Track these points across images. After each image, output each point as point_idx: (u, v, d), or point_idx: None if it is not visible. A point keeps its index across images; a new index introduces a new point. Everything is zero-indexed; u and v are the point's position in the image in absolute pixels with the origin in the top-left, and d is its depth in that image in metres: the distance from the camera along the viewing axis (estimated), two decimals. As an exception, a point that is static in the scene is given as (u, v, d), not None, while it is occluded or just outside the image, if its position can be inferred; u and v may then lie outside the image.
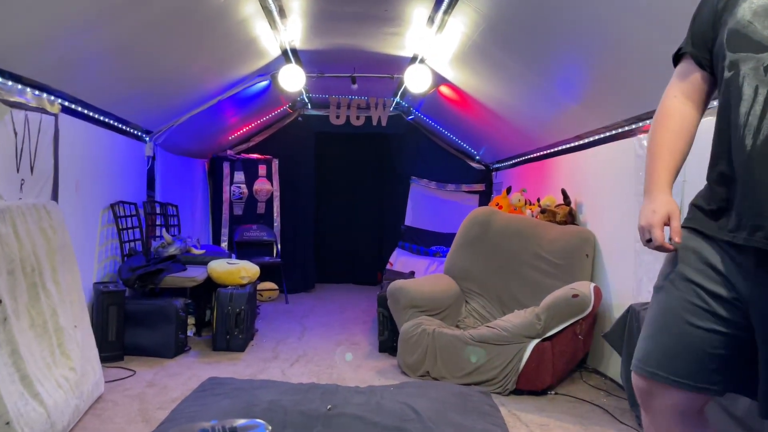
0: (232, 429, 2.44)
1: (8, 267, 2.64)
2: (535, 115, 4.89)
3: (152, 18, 3.37)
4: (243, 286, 4.63)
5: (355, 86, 5.88)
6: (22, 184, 3.21)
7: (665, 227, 1.49)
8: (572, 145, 4.60)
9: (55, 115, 3.49)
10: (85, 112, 3.89)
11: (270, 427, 2.52)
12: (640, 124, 3.50)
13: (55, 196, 3.52)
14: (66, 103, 3.60)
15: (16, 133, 3.14)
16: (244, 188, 6.96)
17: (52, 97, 3.42)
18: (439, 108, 6.48)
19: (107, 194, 4.38)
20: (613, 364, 3.77)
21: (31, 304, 2.79)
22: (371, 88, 6.39)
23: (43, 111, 3.35)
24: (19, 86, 3.07)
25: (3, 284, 2.55)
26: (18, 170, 3.17)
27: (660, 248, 1.49)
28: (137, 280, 4.22)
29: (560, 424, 3.10)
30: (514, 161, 6.28)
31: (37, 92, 3.25)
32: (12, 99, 2.99)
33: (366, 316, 5.80)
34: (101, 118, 4.14)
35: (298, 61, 5.34)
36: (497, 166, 6.96)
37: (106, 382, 3.39)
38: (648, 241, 1.50)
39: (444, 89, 5.73)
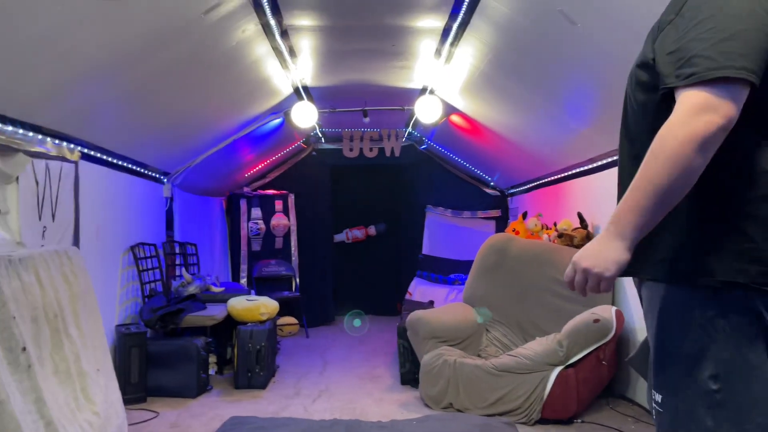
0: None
1: (32, 314, 2.69)
2: (547, 139, 4.90)
3: (166, 64, 3.46)
4: (263, 322, 4.64)
5: (367, 119, 5.96)
6: (44, 232, 3.29)
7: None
8: (586, 168, 4.60)
9: (75, 163, 3.58)
10: (104, 157, 3.99)
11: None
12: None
13: (76, 242, 3.59)
14: (85, 150, 3.69)
15: (37, 182, 3.23)
16: (261, 224, 7.02)
17: (72, 145, 3.51)
18: (451, 136, 6.52)
19: (127, 237, 4.45)
20: (640, 390, 3.70)
21: (55, 350, 2.82)
22: (383, 120, 6.46)
23: (64, 159, 3.44)
24: (40, 136, 3.16)
25: (27, 332, 2.59)
26: (40, 218, 3.25)
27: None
28: (158, 320, 4.25)
29: (588, 453, 3.04)
30: (528, 186, 6.27)
31: (57, 141, 3.34)
32: (33, 149, 3.07)
33: (387, 347, 5.77)
34: (120, 162, 4.24)
35: (310, 97, 5.43)
36: (512, 191, 6.96)
37: (129, 424, 3.40)
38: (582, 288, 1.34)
39: (455, 118, 5.78)
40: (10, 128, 2.87)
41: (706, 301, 1.27)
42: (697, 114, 1.19)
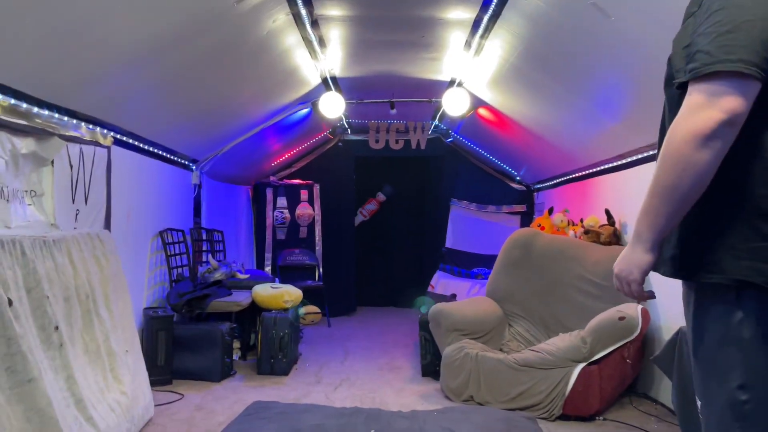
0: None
1: (64, 294, 2.76)
2: (576, 134, 4.84)
3: (197, 52, 3.51)
4: (286, 310, 4.69)
5: (394, 111, 5.96)
6: (76, 214, 3.36)
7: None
8: (615, 164, 4.54)
9: (108, 148, 3.65)
10: (136, 143, 4.06)
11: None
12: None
13: (107, 225, 3.66)
14: (118, 136, 3.76)
15: (71, 166, 3.30)
16: (286, 213, 7.08)
17: (105, 131, 3.58)
18: (477, 130, 6.49)
19: (156, 222, 4.53)
20: (664, 389, 3.66)
21: (85, 330, 2.90)
22: (409, 112, 6.45)
23: (97, 144, 3.51)
24: (74, 121, 3.23)
25: (60, 311, 2.67)
26: (73, 201, 3.33)
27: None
28: (185, 305, 4.32)
29: (610, 451, 3.02)
30: (555, 181, 6.22)
31: (90, 126, 3.41)
32: (68, 134, 3.15)
33: (407, 339, 5.78)
34: (150, 148, 4.31)
35: (338, 88, 5.44)
36: (538, 186, 6.90)
37: (155, 405, 3.47)
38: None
39: (482, 111, 5.74)
40: (46, 112, 2.94)
41: (730, 306, 1.24)
42: (696, 110, 1.19)
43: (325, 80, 5.18)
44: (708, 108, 1.18)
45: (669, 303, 3.69)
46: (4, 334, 2.25)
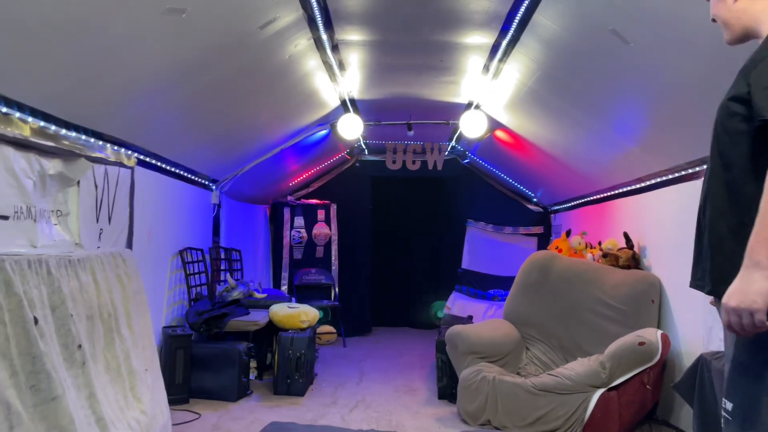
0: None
1: (88, 313, 2.81)
2: (594, 157, 4.85)
3: (221, 76, 3.58)
4: (303, 330, 4.70)
5: (412, 133, 6.00)
6: (100, 234, 3.42)
7: None
8: (633, 187, 4.53)
9: (132, 168, 3.73)
10: (158, 164, 4.13)
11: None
12: (704, 167, 3.42)
13: (129, 245, 3.72)
14: (141, 157, 3.84)
15: (96, 186, 3.37)
16: (303, 233, 7.13)
17: (129, 152, 3.65)
18: (494, 151, 6.51)
19: (176, 241, 4.59)
20: (684, 416, 3.60)
21: (107, 348, 2.94)
22: (427, 134, 6.49)
23: (121, 165, 3.58)
24: (100, 143, 3.30)
25: (83, 330, 2.71)
26: (97, 221, 3.39)
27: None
28: (203, 323, 4.36)
29: (630, 479, 2.98)
30: (572, 203, 6.20)
31: (115, 147, 3.48)
32: (94, 155, 3.22)
33: (423, 361, 5.76)
34: (172, 169, 4.38)
35: (356, 110, 5.51)
36: (555, 208, 6.88)
37: (173, 424, 3.49)
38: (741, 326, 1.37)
39: (500, 133, 5.77)
40: (73, 134, 3.02)
41: None
42: None
43: (343, 102, 5.25)
44: None
45: (689, 329, 3.66)
46: (30, 352, 2.29)
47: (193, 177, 4.82)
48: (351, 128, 5.54)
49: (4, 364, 2.19)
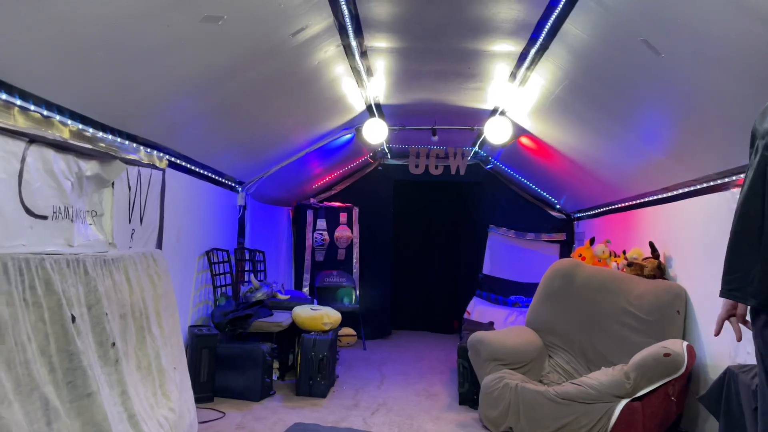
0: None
1: (120, 311, 2.88)
2: (620, 166, 4.82)
3: (252, 81, 3.64)
4: (326, 332, 4.74)
5: (436, 138, 6.03)
6: (132, 234, 3.50)
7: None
8: (660, 197, 4.50)
9: (163, 170, 3.80)
10: (187, 166, 4.21)
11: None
12: (734, 178, 3.40)
13: (159, 245, 3.80)
14: (172, 159, 3.91)
15: (129, 188, 3.45)
16: (326, 235, 7.18)
17: (161, 154, 3.73)
18: (518, 157, 6.50)
19: (203, 242, 4.67)
20: (709, 428, 3.57)
21: (139, 346, 3.01)
22: (450, 139, 6.51)
23: (153, 167, 3.66)
24: (134, 145, 3.38)
25: (116, 328, 2.78)
26: (130, 221, 3.47)
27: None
28: (228, 324, 4.42)
29: (653, 491, 2.96)
30: (596, 211, 6.17)
31: (148, 150, 3.56)
32: (128, 157, 3.30)
33: (443, 365, 5.77)
34: (200, 171, 4.46)
35: (381, 114, 5.54)
36: (579, 215, 6.85)
37: (198, 422, 3.55)
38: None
39: (524, 139, 5.76)
40: (110, 137, 3.10)
41: None
42: None
43: (369, 107, 5.29)
44: None
45: (715, 341, 3.62)
46: (67, 349, 2.36)
47: (220, 179, 4.89)
48: (376, 133, 5.58)
49: (44, 361, 2.26)
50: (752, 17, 2.20)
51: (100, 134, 3.01)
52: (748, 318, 1.84)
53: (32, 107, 2.46)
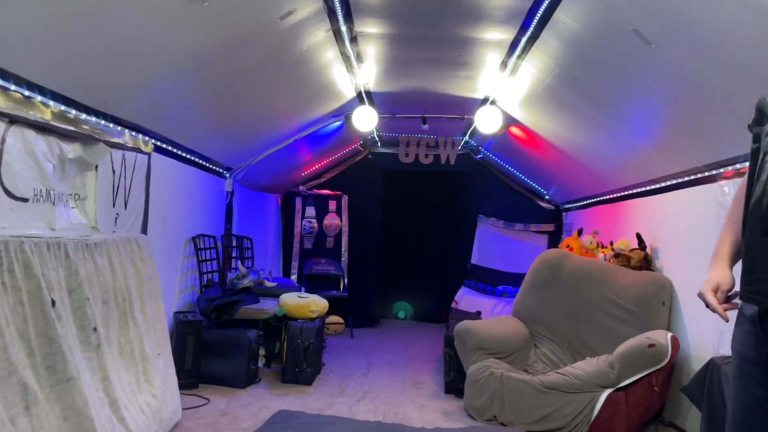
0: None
1: (103, 297, 2.84)
2: (609, 157, 4.82)
3: (239, 65, 3.59)
4: (312, 320, 4.73)
5: (426, 127, 6.00)
6: (116, 218, 3.46)
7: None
8: (648, 188, 4.50)
9: (149, 154, 3.75)
10: (174, 150, 4.16)
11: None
12: (721, 170, 3.40)
13: (144, 230, 3.75)
14: (157, 143, 3.86)
15: (114, 171, 3.40)
16: (314, 223, 7.15)
17: (146, 138, 3.68)
18: (508, 147, 6.49)
19: (189, 227, 4.62)
20: (691, 419, 3.60)
21: (121, 332, 2.97)
22: (441, 128, 6.49)
23: (138, 150, 3.61)
24: (119, 128, 3.33)
25: (98, 313, 2.75)
26: (114, 205, 3.42)
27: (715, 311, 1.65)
28: (214, 310, 4.39)
29: (635, 480, 2.99)
30: (585, 202, 6.18)
31: (133, 133, 3.51)
32: (112, 140, 3.24)
33: (430, 354, 5.78)
34: (187, 156, 4.40)
35: (371, 102, 5.51)
36: (567, 206, 6.86)
37: (182, 409, 3.53)
38: (707, 306, 1.66)
39: (514, 129, 5.75)
40: (93, 119, 3.05)
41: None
42: None
43: (359, 94, 5.25)
44: None
45: (699, 333, 3.65)
46: (47, 333, 2.33)
47: (207, 164, 4.84)
48: (366, 120, 5.54)
49: (22, 345, 2.23)
50: (741, 5, 2.18)
51: (84, 116, 2.96)
52: (737, 301, 1.64)
53: (12, 87, 2.41)
